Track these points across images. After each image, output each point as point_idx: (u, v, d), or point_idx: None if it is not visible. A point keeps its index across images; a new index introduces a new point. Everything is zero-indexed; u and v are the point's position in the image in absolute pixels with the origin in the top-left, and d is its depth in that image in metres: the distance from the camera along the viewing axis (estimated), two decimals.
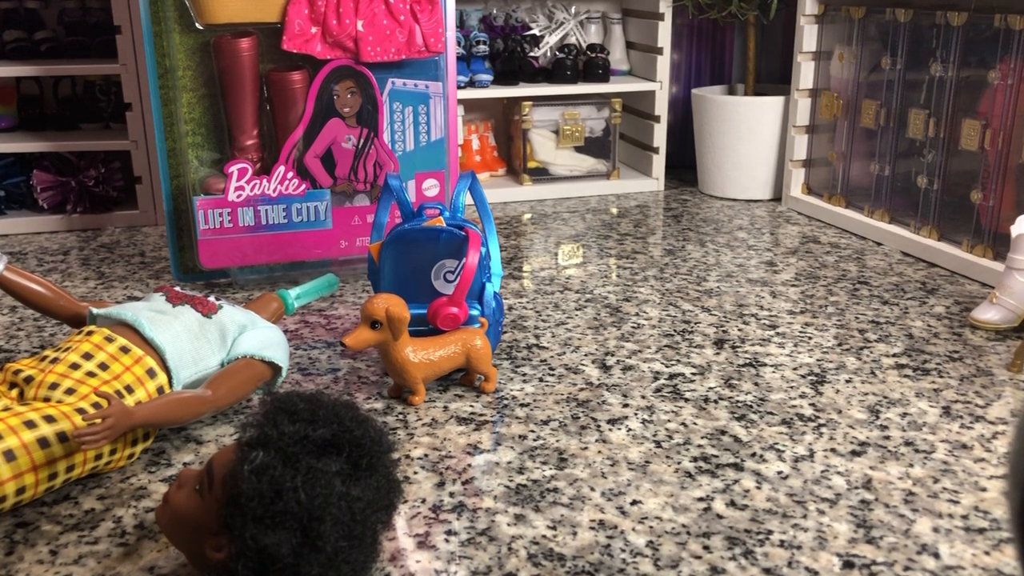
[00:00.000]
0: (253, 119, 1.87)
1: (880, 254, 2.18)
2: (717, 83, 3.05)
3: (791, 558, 1.03)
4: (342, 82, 1.87)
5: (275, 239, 1.90)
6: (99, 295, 1.90)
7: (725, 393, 1.44)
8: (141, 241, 2.32)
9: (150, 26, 1.83)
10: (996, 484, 1.18)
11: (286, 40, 1.81)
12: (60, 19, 2.58)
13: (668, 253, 2.19)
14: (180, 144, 1.88)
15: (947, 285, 1.95)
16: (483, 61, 2.67)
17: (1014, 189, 1.93)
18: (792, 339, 1.65)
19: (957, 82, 2.05)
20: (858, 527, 1.08)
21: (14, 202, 2.47)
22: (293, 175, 1.87)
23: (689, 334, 1.68)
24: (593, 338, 1.66)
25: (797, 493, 1.16)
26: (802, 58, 2.52)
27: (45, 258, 2.18)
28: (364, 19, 1.83)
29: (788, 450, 1.26)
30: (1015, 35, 1.89)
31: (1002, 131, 1.93)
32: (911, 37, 2.18)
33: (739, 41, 3.05)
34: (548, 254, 2.19)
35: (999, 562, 1.02)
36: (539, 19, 2.87)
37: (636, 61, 2.90)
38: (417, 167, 1.98)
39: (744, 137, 2.65)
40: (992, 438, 1.30)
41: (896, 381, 1.48)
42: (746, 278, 2.00)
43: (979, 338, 1.66)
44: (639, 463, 1.23)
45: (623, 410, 1.38)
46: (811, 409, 1.39)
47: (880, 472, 1.21)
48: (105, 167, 2.46)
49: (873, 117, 2.32)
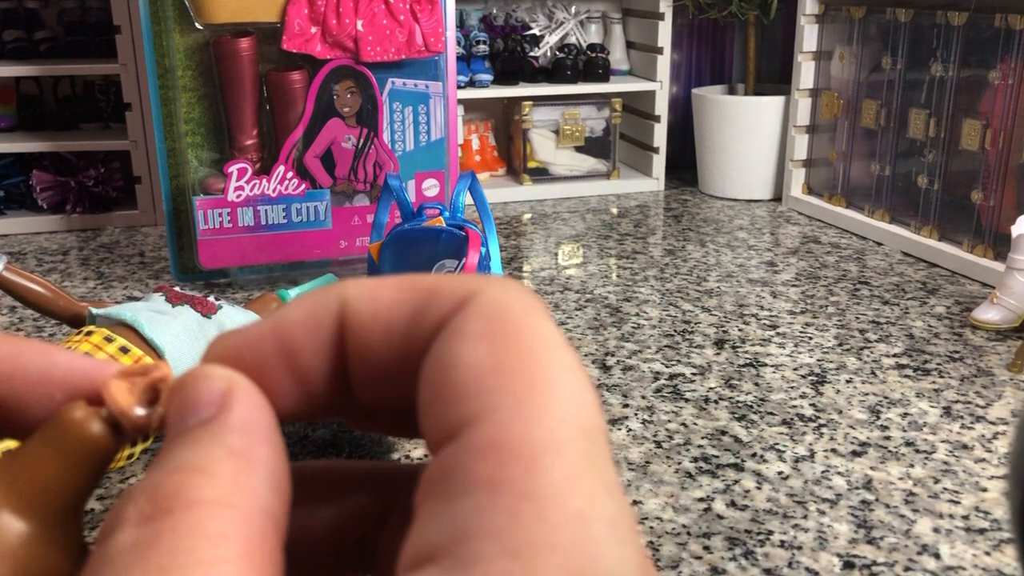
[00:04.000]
0: (253, 119, 1.87)
1: (880, 254, 2.18)
2: (717, 83, 3.05)
3: (791, 558, 1.02)
4: (342, 82, 1.87)
5: (275, 239, 1.90)
6: (99, 295, 1.90)
7: (725, 393, 1.44)
8: (141, 241, 2.31)
9: (150, 26, 1.83)
10: (997, 484, 1.18)
11: (286, 40, 1.81)
12: (60, 19, 2.58)
13: (668, 253, 2.19)
14: (180, 144, 1.88)
15: (948, 285, 1.95)
16: (483, 61, 2.67)
17: (1015, 189, 1.93)
18: (792, 339, 1.65)
19: (958, 82, 2.05)
20: (858, 527, 1.08)
21: (13, 202, 2.47)
22: (293, 175, 1.87)
23: (689, 334, 1.68)
24: (593, 338, 1.66)
25: (797, 493, 1.16)
26: (802, 58, 2.52)
27: (44, 258, 2.18)
28: (364, 19, 1.83)
29: (788, 450, 1.26)
30: (1016, 35, 1.89)
31: (1003, 131, 1.93)
32: (911, 37, 2.18)
33: (739, 41, 3.05)
34: (548, 254, 2.19)
35: (999, 562, 1.02)
36: (539, 19, 2.86)
37: (636, 61, 2.90)
38: (417, 167, 1.98)
39: (744, 137, 2.64)
40: (993, 438, 1.30)
41: (896, 381, 1.48)
42: (746, 278, 1.99)
43: (980, 338, 1.66)
44: (639, 463, 1.23)
45: (623, 410, 1.38)
46: (811, 409, 1.39)
47: (880, 472, 1.21)
48: (105, 167, 2.46)
49: (873, 117, 2.32)
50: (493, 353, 0.15)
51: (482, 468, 0.14)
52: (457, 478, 0.14)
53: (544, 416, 0.15)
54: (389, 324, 0.17)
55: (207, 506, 0.15)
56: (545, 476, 0.14)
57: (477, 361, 0.15)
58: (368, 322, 0.17)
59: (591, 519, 0.14)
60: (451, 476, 0.15)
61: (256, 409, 0.17)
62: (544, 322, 0.16)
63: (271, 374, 0.17)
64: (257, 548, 0.15)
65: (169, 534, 0.15)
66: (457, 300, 0.16)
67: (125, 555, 0.15)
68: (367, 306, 0.17)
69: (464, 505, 0.14)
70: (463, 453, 0.15)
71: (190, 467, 0.15)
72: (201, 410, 0.16)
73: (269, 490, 0.16)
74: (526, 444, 0.14)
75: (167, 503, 0.15)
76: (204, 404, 0.16)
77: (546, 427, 0.15)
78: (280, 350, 0.17)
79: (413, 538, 0.15)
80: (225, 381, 0.17)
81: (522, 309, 0.16)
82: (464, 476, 0.14)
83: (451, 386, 0.15)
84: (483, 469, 0.14)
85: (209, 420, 0.16)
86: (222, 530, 0.15)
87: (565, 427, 0.15)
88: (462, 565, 0.13)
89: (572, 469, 0.14)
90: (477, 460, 0.14)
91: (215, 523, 0.15)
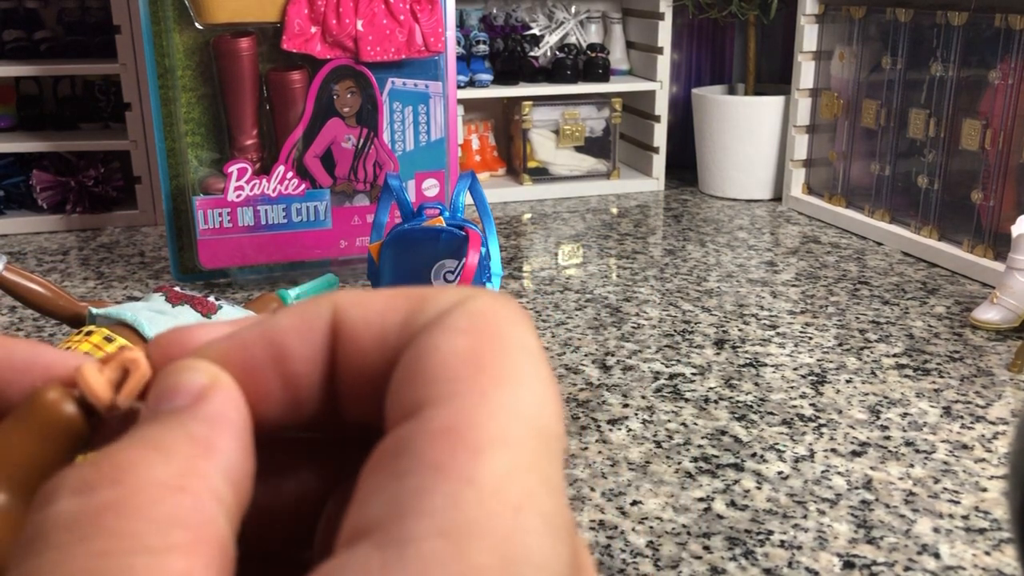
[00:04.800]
0: (253, 119, 1.87)
1: (880, 254, 2.18)
2: (717, 83, 3.05)
3: (791, 558, 1.02)
4: (342, 82, 1.87)
5: (275, 239, 1.90)
6: (98, 295, 1.90)
7: (725, 393, 1.44)
8: (140, 241, 2.31)
9: (149, 26, 1.82)
10: (996, 484, 1.18)
11: (286, 40, 1.81)
12: (60, 19, 2.58)
13: (668, 253, 2.19)
14: (179, 144, 1.88)
15: (947, 285, 1.95)
16: (483, 61, 2.67)
17: (1014, 189, 1.93)
18: (792, 339, 1.65)
19: (957, 82, 2.05)
20: (858, 527, 1.08)
21: (13, 202, 2.47)
22: (293, 175, 1.87)
23: (689, 334, 1.68)
24: (593, 338, 1.66)
25: (797, 493, 1.16)
26: (802, 58, 2.52)
27: (44, 258, 2.18)
28: (364, 19, 1.83)
29: (788, 450, 1.26)
30: (1015, 35, 1.89)
31: (1002, 131, 1.93)
32: (911, 37, 2.18)
33: (739, 41, 3.05)
34: (548, 254, 2.19)
35: (999, 562, 1.02)
36: (539, 19, 2.86)
37: (636, 61, 2.90)
38: (417, 167, 1.98)
39: (744, 137, 2.64)
40: (992, 438, 1.30)
41: (896, 381, 1.48)
42: (746, 278, 1.99)
43: (980, 338, 1.65)
44: (639, 463, 1.23)
45: (623, 410, 1.38)
46: (811, 409, 1.39)
47: (880, 472, 1.21)
48: (105, 167, 2.46)
49: (873, 117, 2.32)
50: (470, 347, 0.16)
51: (432, 450, 0.15)
52: (406, 457, 0.15)
53: (502, 412, 0.15)
54: (382, 330, 0.17)
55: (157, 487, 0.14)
56: (490, 466, 0.14)
57: (453, 351, 0.16)
58: (361, 328, 0.17)
59: (527, 512, 0.14)
60: (401, 454, 0.15)
61: (231, 406, 0.16)
62: (526, 332, 0.17)
63: (260, 377, 0.17)
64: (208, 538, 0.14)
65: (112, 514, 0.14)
66: (449, 304, 0.17)
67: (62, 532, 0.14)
68: (360, 312, 0.17)
69: (407, 484, 0.14)
70: (417, 433, 0.15)
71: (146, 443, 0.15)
72: (177, 398, 0.16)
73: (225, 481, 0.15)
74: (478, 434, 0.15)
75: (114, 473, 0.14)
76: (181, 393, 0.16)
77: (501, 422, 0.15)
78: (271, 354, 0.17)
79: (353, 511, 0.15)
80: (208, 376, 0.17)
81: (508, 316, 0.17)
82: (413, 455, 0.15)
83: (423, 370, 0.16)
84: (432, 452, 0.15)
85: (180, 408, 0.16)
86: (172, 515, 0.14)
87: (520, 425, 0.15)
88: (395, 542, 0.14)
89: (517, 464, 0.15)
90: (429, 442, 0.15)
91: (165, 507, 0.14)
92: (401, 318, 0.17)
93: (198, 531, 0.14)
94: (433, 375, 0.16)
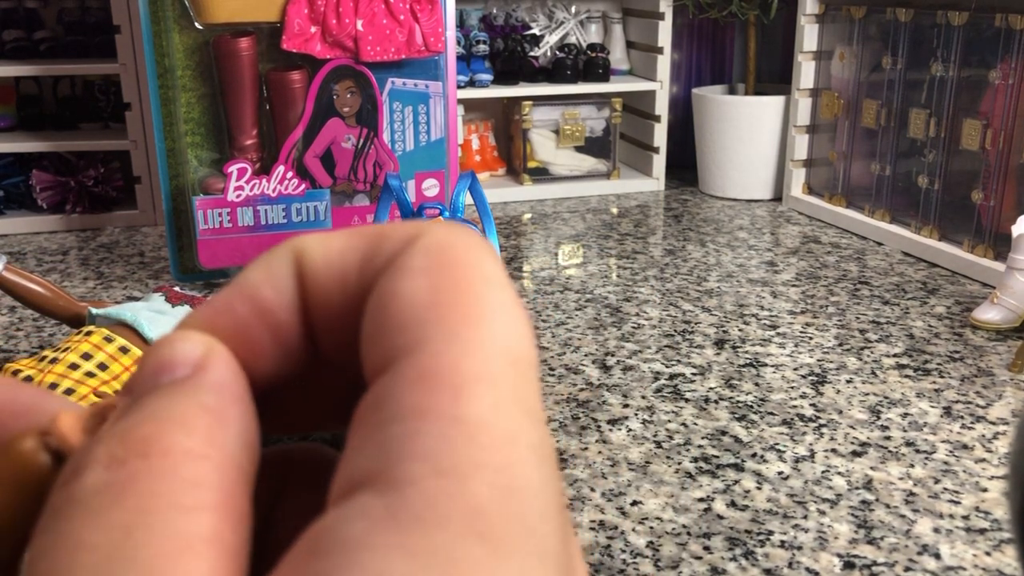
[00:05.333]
0: (252, 119, 1.87)
1: (881, 254, 2.18)
2: (717, 83, 3.05)
3: (792, 559, 1.02)
4: (342, 82, 1.87)
5: (275, 239, 1.90)
6: (98, 295, 1.90)
7: (725, 393, 1.44)
8: (140, 241, 2.31)
9: (149, 26, 1.82)
10: (997, 484, 1.18)
11: (286, 39, 1.81)
12: (59, 19, 2.58)
13: (668, 253, 2.19)
14: (179, 144, 1.88)
15: (948, 285, 1.95)
16: (483, 61, 2.67)
17: (1015, 189, 1.93)
18: (793, 339, 1.65)
19: (958, 82, 2.05)
20: (859, 527, 1.08)
21: (13, 202, 2.47)
22: (293, 175, 1.87)
23: (689, 334, 1.68)
24: (593, 338, 1.66)
25: (798, 493, 1.16)
26: (803, 58, 2.52)
27: (44, 258, 2.18)
28: (364, 18, 1.83)
29: (789, 450, 1.26)
30: (1016, 35, 1.89)
31: (1003, 131, 1.93)
32: (912, 37, 2.18)
33: (739, 41, 3.05)
34: (548, 254, 2.19)
35: (1000, 563, 1.02)
36: (539, 18, 2.86)
37: (636, 61, 2.90)
38: (417, 167, 1.98)
39: (744, 137, 2.64)
40: (993, 438, 1.29)
41: (897, 381, 1.48)
42: (746, 278, 1.99)
43: (980, 338, 1.65)
44: (639, 463, 1.23)
45: (623, 410, 1.38)
46: (812, 409, 1.38)
47: (881, 472, 1.20)
48: (104, 167, 2.46)
49: (874, 117, 2.31)
50: (432, 287, 0.16)
51: (412, 396, 0.15)
52: (387, 407, 0.15)
53: (476, 348, 0.15)
54: (342, 270, 0.17)
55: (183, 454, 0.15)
56: (474, 403, 0.14)
57: (415, 294, 0.16)
58: (322, 270, 0.17)
59: (517, 443, 0.14)
60: (382, 405, 0.15)
61: (231, 373, 0.17)
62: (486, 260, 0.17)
63: (250, 334, 0.17)
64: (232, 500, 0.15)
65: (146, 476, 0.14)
66: (404, 240, 0.17)
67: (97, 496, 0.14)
68: (321, 253, 0.17)
69: (394, 431, 0.14)
70: (394, 383, 0.15)
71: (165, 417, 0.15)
72: (176, 370, 0.16)
73: (241, 447, 0.16)
74: (456, 374, 0.15)
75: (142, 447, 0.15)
76: (180, 364, 0.16)
77: (477, 359, 0.15)
78: (253, 309, 0.17)
79: (343, 468, 0.15)
80: (203, 345, 0.17)
81: (465, 247, 0.17)
82: (395, 404, 0.15)
83: (389, 319, 0.16)
84: (413, 397, 0.15)
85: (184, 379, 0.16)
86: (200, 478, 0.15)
87: (496, 359, 0.15)
88: (395, 486, 0.14)
89: (500, 398, 0.15)
90: (408, 389, 0.15)
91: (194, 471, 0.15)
92: (359, 257, 0.17)
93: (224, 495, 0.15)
94: (398, 324, 0.16)
